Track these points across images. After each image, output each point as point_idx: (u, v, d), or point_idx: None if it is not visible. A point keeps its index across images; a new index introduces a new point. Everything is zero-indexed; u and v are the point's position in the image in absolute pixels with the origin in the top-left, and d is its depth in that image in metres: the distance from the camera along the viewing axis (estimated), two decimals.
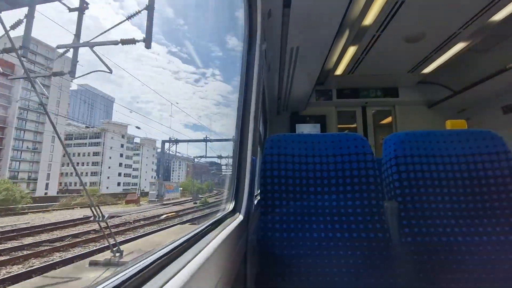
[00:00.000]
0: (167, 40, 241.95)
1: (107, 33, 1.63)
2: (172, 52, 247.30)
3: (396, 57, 3.30)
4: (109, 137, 40.22)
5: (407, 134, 1.26)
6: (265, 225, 1.14)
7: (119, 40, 1.63)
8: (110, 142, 40.61)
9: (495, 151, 1.18)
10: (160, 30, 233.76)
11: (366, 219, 1.11)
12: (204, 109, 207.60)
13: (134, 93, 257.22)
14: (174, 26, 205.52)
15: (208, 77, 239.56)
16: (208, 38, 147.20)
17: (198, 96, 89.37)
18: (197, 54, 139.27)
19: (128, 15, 1.70)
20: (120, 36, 1.67)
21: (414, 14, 2.40)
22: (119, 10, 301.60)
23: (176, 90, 69.75)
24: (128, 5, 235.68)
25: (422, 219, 1.12)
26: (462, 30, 2.61)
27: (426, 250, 1.08)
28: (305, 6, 1.97)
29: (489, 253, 1.05)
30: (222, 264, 0.71)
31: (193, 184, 36.18)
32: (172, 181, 41.49)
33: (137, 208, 14.96)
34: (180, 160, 61.94)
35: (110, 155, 40.16)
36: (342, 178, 1.18)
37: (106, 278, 0.41)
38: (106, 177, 39.43)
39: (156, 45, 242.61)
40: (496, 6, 2.25)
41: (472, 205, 1.13)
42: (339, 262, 1.05)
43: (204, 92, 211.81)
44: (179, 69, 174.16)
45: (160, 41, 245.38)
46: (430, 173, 1.18)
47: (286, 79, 3.29)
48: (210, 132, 76.28)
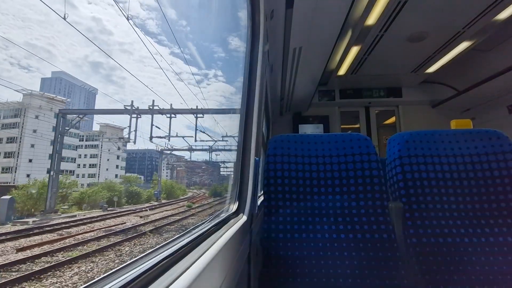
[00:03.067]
0: (169, 41, 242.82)
1: (110, 33, 1.63)
2: (174, 53, 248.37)
3: (399, 57, 3.28)
4: (31, 116, 26.36)
5: (412, 134, 1.25)
6: (269, 225, 1.14)
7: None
8: (32, 123, 26.97)
9: (501, 151, 1.17)
10: (162, 31, 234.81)
11: (370, 220, 1.11)
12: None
13: (137, 95, 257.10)
14: (177, 27, 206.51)
15: (210, 78, 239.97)
16: (211, 39, 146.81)
17: (200, 98, 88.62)
18: (200, 55, 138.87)
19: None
20: (122, 37, 1.66)
21: (417, 13, 2.39)
22: (121, 12, 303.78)
23: (179, 91, 70.40)
24: (131, 6, 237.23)
25: (427, 220, 1.11)
26: (466, 29, 2.59)
27: (431, 251, 1.07)
28: (307, 6, 1.97)
29: (496, 255, 1.04)
30: (227, 264, 0.71)
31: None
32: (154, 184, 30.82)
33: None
34: (170, 157, 54.07)
35: (32, 143, 27.74)
36: (346, 179, 1.18)
37: (112, 278, 0.41)
38: (24, 174, 26.02)
39: (158, 47, 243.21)
40: (500, 5, 2.23)
41: (478, 205, 1.12)
42: (343, 263, 1.05)
43: (207, 93, 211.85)
44: (181, 70, 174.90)
45: (163, 42, 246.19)
46: (435, 173, 1.17)
47: (288, 79, 3.29)
48: (213, 133, 75.46)
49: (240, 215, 1.09)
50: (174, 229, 9.82)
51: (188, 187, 45.31)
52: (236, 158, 1.27)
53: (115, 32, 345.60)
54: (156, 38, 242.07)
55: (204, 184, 51.19)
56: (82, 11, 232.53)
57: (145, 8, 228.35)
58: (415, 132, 1.26)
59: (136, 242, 7.56)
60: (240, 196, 1.18)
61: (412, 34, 2.73)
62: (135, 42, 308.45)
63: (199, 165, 49.13)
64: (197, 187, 49.57)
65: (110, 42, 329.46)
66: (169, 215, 13.22)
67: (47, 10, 71.84)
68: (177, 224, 10.73)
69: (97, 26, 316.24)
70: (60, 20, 9.82)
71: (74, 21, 39.31)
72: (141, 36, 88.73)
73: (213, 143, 22.91)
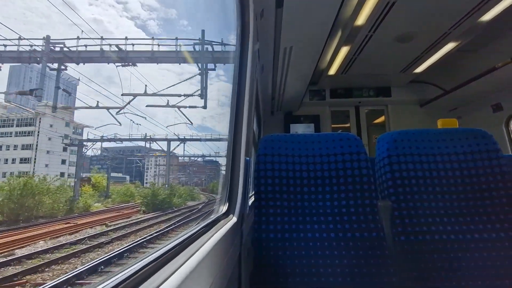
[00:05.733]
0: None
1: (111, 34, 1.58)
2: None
3: (388, 57, 3.33)
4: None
5: (400, 133, 1.27)
6: (260, 226, 1.13)
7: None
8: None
9: (486, 149, 1.20)
10: (163, 30, 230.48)
11: (360, 219, 1.12)
12: (209, 110, 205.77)
13: (140, 97, 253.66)
14: (178, 27, 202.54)
15: (212, 77, 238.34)
16: (212, 37, 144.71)
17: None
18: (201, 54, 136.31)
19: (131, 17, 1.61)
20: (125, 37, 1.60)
21: (406, 14, 2.43)
22: (123, 13, 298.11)
23: (181, 92, 67.83)
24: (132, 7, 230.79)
25: (415, 218, 1.13)
26: (452, 30, 2.65)
27: (419, 248, 1.08)
28: (297, 6, 1.98)
29: (481, 250, 1.06)
30: (216, 266, 0.70)
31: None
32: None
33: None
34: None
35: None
36: (336, 178, 1.19)
37: (96, 284, 0.40)
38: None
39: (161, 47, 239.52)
40: (484, 7, 2.29)
41: (464, 203, 1.15)
42: (333, 262, 1.05)
43: (210, 93, 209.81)
44: (183, 70, 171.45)
45: (165, 42, 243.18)
46: (423, 171, 1.19)
47: (279, 79, 3.30)
48: (214, 132, 73.22)
49: (230, 216, 1.08)
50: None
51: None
52: (227, 158, 1.26)
53: (115, 32, 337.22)
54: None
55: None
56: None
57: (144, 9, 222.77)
58: (404, 131, 1.28)
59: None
60: (230, 196, 1.17)
61: (400, 34, 2.78)
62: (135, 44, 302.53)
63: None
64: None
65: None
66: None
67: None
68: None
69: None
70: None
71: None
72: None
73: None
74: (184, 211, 15.05)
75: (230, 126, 1.29)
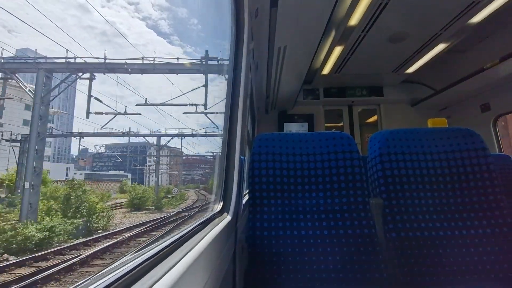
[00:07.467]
0: (182, 41, 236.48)
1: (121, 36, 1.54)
2: (187, 52, 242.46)
3: (381, 57, 3.37)
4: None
5: (391, 132, 1.29)
6: (254, 224, 1.14)
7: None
8: None
9: (474, 148, 1.23)
10: (174, 31, 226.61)
11: (352, 216, 1.14)
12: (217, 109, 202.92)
13: (150, 96, 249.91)
14: (187, 26, 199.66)
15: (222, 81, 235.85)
16: (220, 37, 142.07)
17: (212, 96, 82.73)
18: (212, 53, 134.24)
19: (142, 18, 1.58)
20: (135, 39, 1.59)
21: (398, 15, 2.47)
22: (134, 14, 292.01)
23: (190, 91, 66.16)
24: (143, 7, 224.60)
25: (405, 215, 1.16)
26: (443, 31, 2.70)
27: (409, 245, 1.11)
28: (292, 6, 1.98)
29: (469, 246, 1.09)
30: (211, 264, 0.70)
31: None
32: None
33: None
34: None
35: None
36: (329, 176, 1.20)
37: (94, 280, 0.40)
38: None
39: (170, 46, 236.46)
40: (473, 9, 2.34)
41: (453, 200, 1.18)
42: (326, 258, 1.07)
43: (219, 92, 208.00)
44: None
45: (175, 42, 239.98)
46: (413, 170, 1.22)
47: (274, 78, 3.30)
48: (219, 129, 71.63)
49: (224, 215, 1.09)
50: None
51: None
52: (221, 156, 1.26)
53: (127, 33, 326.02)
54: (169, 39, 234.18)
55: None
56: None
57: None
58: (395, 130, 1.30)
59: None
60: (225, 195, 1.18)
61: (392, 35, 2.82)
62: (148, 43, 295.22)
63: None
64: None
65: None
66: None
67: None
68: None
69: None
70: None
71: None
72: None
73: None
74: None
75: (225, 125, 1.30)
